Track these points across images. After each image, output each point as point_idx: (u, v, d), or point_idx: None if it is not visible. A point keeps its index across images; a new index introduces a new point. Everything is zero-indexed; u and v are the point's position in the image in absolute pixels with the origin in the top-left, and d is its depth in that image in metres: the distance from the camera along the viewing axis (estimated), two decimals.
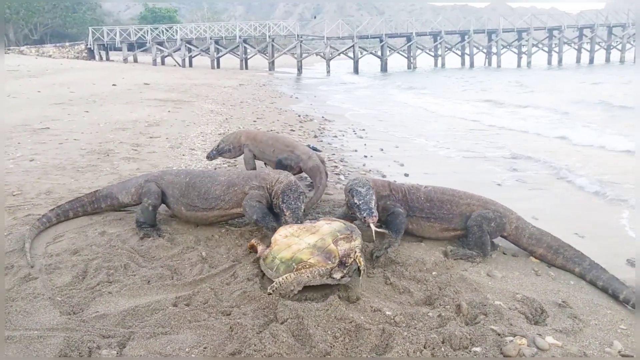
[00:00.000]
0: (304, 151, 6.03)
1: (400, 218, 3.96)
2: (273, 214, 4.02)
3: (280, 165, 5.71)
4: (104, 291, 3.13)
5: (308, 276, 3.05)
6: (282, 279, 3.03)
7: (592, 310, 3.17)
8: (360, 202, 3.76)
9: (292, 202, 3.86)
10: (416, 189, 4.16)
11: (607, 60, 47.80)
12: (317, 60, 49.02)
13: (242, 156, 6.27)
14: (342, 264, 3.15)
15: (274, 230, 3.72)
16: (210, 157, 6.38)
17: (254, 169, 6.00)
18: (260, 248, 3.48)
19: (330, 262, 3.12)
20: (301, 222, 3.72)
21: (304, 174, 5.77)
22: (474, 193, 4.24)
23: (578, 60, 47.88)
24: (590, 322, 3.02)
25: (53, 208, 4.28)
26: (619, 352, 2.71)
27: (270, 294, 3.00)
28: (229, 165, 6.84)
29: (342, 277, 3.14)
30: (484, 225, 3.88)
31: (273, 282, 3.16)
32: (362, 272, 3.24)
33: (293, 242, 3.32)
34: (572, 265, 3.75)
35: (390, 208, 4.01)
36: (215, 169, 6.40)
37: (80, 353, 2.48)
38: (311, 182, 5.58)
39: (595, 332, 2.90)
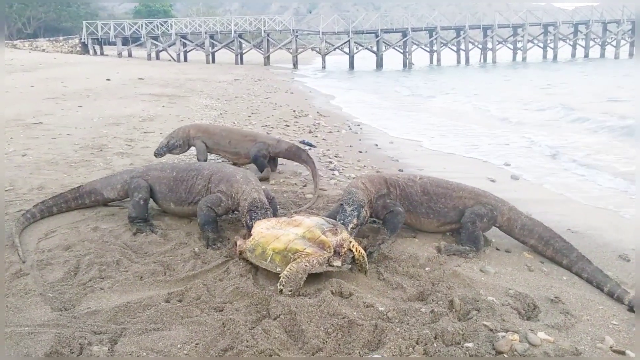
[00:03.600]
0: (267, 137, 6.50)
1: (398, 217, 3.97)
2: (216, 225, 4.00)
3: (256, 160, 6.04)
4: (96, 287, 3.11)
5: (307, 265, 3.06)
6: (287, 271, 3.03)
7: (585, 305, 3.19)
8: (340, 222, 3.66)
9: (260, 218, 3.70)
10: (412, 181, 4.16)
11: (602, 56, 47.91)
12: (314, 55, 48.88)
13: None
14: (336, 253, 3.19)
15: (208, 240, 3.80)
16: (159, 154, 6.22)
17: (207, 159, 6.29)
18: (239, 242, 3.47)
19: (325, 252, 3.15)
20: None
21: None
22: (467, 185, 4.26)
23: (573, 56, 47.95)
24: (583, 317, 3.03)
25: (37, 204, 4.27)
26: (611, 347, 2.72)
27: (282, 290, 2.99)
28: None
29: (342, 265, 3.17)
30: (477, 221, 3.91)
31: (264, 273, 3.19)
32: (363, 258, 3.31)
33: (280, 233, 3.33)
34: (560, 256, 3.80)
35: (389, 207, 4.00)
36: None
37: (71, 349, 2.46)
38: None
39: (587, 328, 2.92)
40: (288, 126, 10.29)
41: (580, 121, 12.33)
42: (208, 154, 6.43)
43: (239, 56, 43.85)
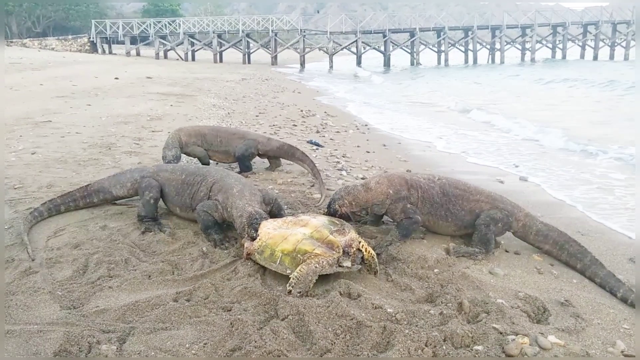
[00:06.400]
0: (256, 134, 6.35)
1: (414, 226, 3.93)
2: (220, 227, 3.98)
3: (243, 158, 5.99)
4: (105, 286, 3.12)
5: (317, 266, 3.05)
6: (297, 272, 3.02)
7: (595, 309, 3.15)
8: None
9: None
10: (432, 182, 4.08)
11: (611, 57, 47.51)
12: (322, 55, 48.84)
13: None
14: (345, 254, 3.17)
15: (214, 242, 3.78)
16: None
17: (209, 163, 6.12)
18: (247, 244, 3.45)
19: (335, 252, 3.14)
20: None
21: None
22: (484, 188, 4.21)
23: (582, 57, 47.58)
24: (593, 321, 3.00)
25: (45, 202, 4.28)
26: (622, 352, 2.69)
27: (291, 291, 2.98)
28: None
29: (352, 265, 3.16)
30: (492, 225, 3.86)
31: (272, 273, 3.20)
32: (373, 259, 3.30)
33: (287, 233, 3.31)
34: (575, 261, 3.77)
35: (409, 213, 3.92)
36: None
37: (80, 348, 2.47)
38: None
39: (598, 332, 2.89)
40: (295, 126, 10.28)
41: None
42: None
43: (246, 55, 43.90)
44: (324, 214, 4.01)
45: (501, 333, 2.69)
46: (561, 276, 3.66)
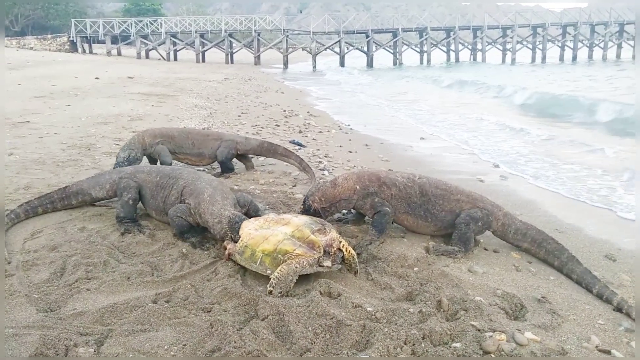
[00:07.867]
0: (233, 135, 6.20)
1: (386, 218, 3.95)
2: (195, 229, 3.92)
3: (225, 160, 5.90)
4: (83, 288, 3.08)
5: (297, 266, 3.05)
6: (278, 273, 3.02)
7: (571, 305, 3.21)
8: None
9: None
10: (412, 181, 4.09)
11: (590, 57, 48.33)
12: (305, 55, 48.82)
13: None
14: (326, 253, 3.18)
15: (193, 244, 3.73)
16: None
17: (172, 163, 5.82)
18: (229, 246, 3.43)
19: (315, 252, 3.14)
20: None
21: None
22: (464, 188, 4.24)
23: (561, 58, 48.31)
24: (569, 317, 3.06)
25: (22, 204, 4.21)
26: (597, 347, 2.75)
27: (272, 291, 2.97)
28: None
29: (332, 265, 3.17)
30: (472, 224, 3.90)
31: (253, 273, 3.20)
32: (353, 258, 3.32)
33: (268, 233, 3.31)
34: (552, 258, 3.84)
35: (377, 207, 3.97)
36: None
37: (56, 351, 2.43)
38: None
39: (573, 327, 2.94)
40: (278, 126, 10.27)
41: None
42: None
43: (229, 55, 43.69)
44: (302, 209, 4.04)
45: (479, 330, 2.73)
46: (539, 273, 3.72)
